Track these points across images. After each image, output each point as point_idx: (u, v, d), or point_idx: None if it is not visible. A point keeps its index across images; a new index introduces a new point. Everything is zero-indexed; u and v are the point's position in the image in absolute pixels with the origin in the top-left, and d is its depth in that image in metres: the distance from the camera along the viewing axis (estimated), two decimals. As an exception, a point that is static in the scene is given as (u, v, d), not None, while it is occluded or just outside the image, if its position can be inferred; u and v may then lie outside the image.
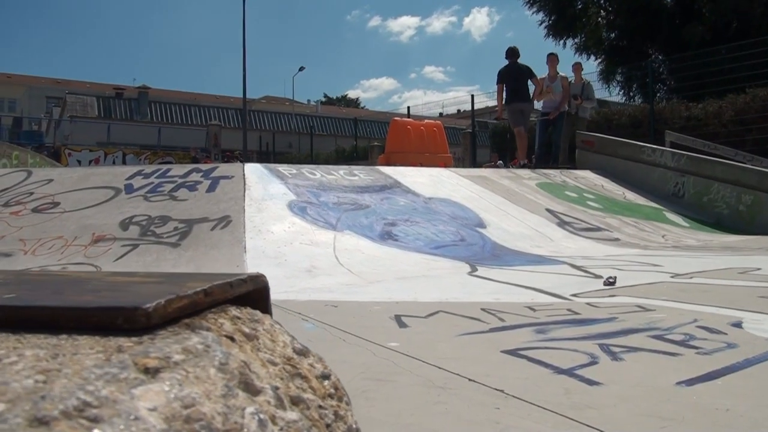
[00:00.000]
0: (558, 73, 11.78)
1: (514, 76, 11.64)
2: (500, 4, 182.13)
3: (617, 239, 7.20)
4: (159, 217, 5.61)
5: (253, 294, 0.80)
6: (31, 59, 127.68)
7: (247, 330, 0.72)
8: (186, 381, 0.58)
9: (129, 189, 6.31)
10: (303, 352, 0.76)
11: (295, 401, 0.67)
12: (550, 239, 6.75)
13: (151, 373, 0.58)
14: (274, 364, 0.70)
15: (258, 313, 0.77)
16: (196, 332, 0.66)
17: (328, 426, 0.71)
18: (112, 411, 0.53)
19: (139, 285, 0.81)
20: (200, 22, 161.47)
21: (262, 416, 0.61)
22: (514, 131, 12.03)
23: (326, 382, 0.74)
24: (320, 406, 0.70)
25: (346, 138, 38.02)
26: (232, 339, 0.68)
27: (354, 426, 0.77)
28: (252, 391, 0.62)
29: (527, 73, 11.65)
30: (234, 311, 0.74)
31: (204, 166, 7.09)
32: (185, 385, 0.57)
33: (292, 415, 0.65)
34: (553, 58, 11.92)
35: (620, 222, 8.05)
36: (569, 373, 2.04)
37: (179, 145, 33.14)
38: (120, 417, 0.52)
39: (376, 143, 25.00)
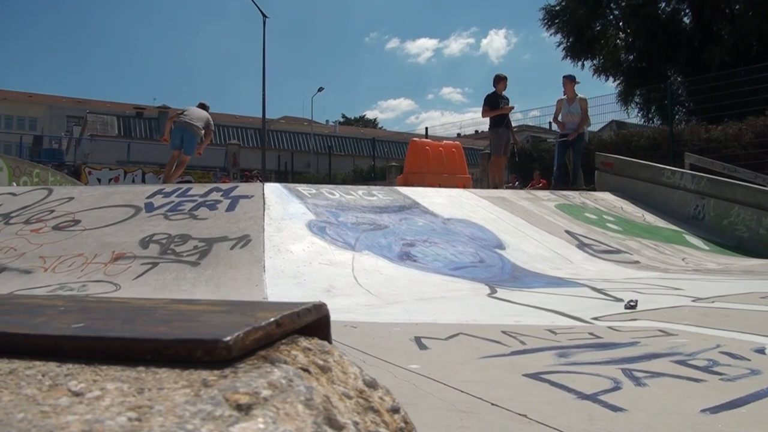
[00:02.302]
0: (576, 95, 11.69)
1: None
2: (518, 26, 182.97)
3: (637, 262, 7.15)
4: (179, 236, 5.64)
5: (314, 323, 0.81)
6: (52, 79, 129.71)
7: (320, 362, 0.72)
8: (278, 418, 0.58)
9: (149, 207, 6.36)
10: (372, 384, 0.76)
11: None
12: (569, 261, 6.71)
13: (244, 409, 0.57)
14: (349, 397, 0.69)
15: (326, 344, 0.78)
16: (276, 366, 0.65)
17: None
18: None
19: (208, 315, 0.81)
20: (220, 43, 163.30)
21: None
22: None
23: (396, 416, 0.74)
24: (393, 441, 0.70)
25: (364, 158, 38.16)
26: (308, 372, 0.68)
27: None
28: (336, 426, 0.62)
29: None
30: (304, 342, 0.74)
31: (224, 186, 7.13)
32: (279, 423, 0.57)
33: None
34: (567, 81, 11.79)
35: (640, 244, 8.00)
36: (593, 398, 2.03)
37: (199, 164, 33.36)
38: None
39: (393, 163, 25.09)
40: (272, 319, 0.72)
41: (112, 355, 0.67)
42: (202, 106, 11.81)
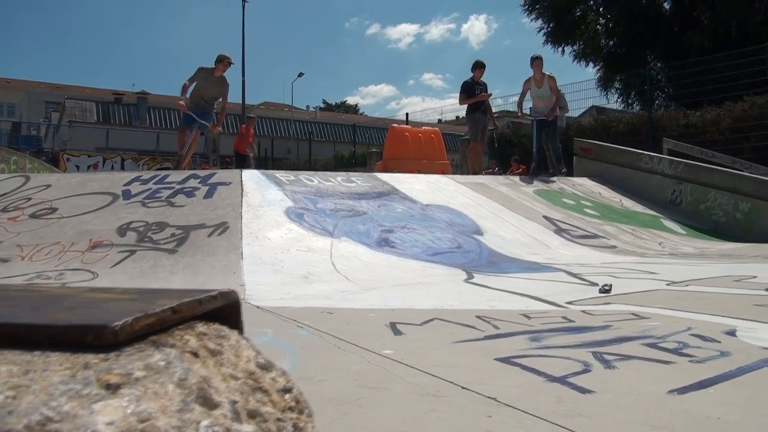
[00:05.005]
0: (544, 75, 11.24)
1: None
2: (498, 11, 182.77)
3: (614, 247, 7.21)
4: (156, 224, 5.60)
5: (224, 309, 0.83)
6: (31, 64, 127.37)
7: (212, 346, 0.74)
8: (144, 396, 0.61)
9: (127, 195, 6.31)
10: (266, 367, 0.78)
11: (253, 414, 0.69)
12: (547, 246, 6.75)
13: (112, 389, 0.61)
14: (236, 378, 0.72)
15: (225, 329, 0.79)
16: (159, 349, 0.68)
17: (286, 437, 0.73)
18: (72, 425, 0.56)
19: (113, 302, 0.84)
20: (199, 27, 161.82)
21: (216, 429, 0.63)
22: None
23: (287, 396, 0.76)
24: (279, 419, 0.72)
25: (344, 144, 38.03)
26: (195, 355, 0.70)
27: (314, 437, 0.78)
28: (209, 405, 0.65)
29: None
30: (201, 327, 0.76)
31: (202, 173, 7.09)
32: (142, 401, 0.60)
33: (247, 428, 0.67)
34: (537, 62, 11.34)
35: (617, 229, 8.07)
36: (562, 381, 2.05)
37: (178, 150, 33.19)
38: (78, 431, 0.55)
39: (374, 149, 25.01)
40: (167, 306, 0.75)
41: (17, 340, 0.70)
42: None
